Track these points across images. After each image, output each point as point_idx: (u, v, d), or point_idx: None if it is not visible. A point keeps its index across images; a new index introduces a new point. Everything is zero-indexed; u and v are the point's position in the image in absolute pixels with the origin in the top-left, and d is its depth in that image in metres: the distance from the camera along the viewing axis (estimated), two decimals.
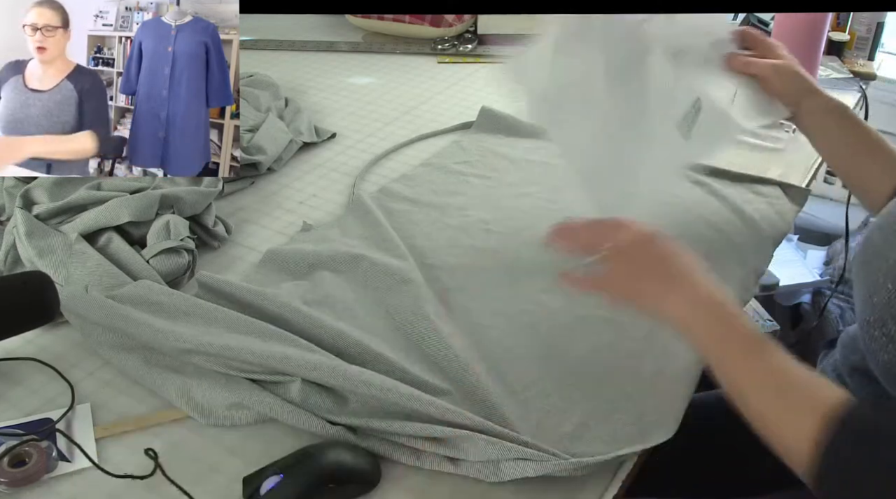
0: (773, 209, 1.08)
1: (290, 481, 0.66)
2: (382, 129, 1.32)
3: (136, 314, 0.80)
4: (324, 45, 1.65)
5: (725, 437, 0.93)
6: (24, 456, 0.69)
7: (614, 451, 0.71)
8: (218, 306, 0.82)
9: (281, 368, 0.74)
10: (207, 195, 1.00)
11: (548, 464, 0.68)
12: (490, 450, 0.68)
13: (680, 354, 0.82)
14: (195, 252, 0.94)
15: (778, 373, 0.66)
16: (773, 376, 0.66)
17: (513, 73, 0.89)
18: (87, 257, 0.89)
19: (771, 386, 0.66)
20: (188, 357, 0.77)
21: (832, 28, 1.51)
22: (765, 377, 0.66)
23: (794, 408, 0.64)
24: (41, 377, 0.80)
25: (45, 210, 0.95)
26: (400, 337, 0.83)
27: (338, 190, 1.14)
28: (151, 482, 0.69)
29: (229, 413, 0.75)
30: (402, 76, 1.51)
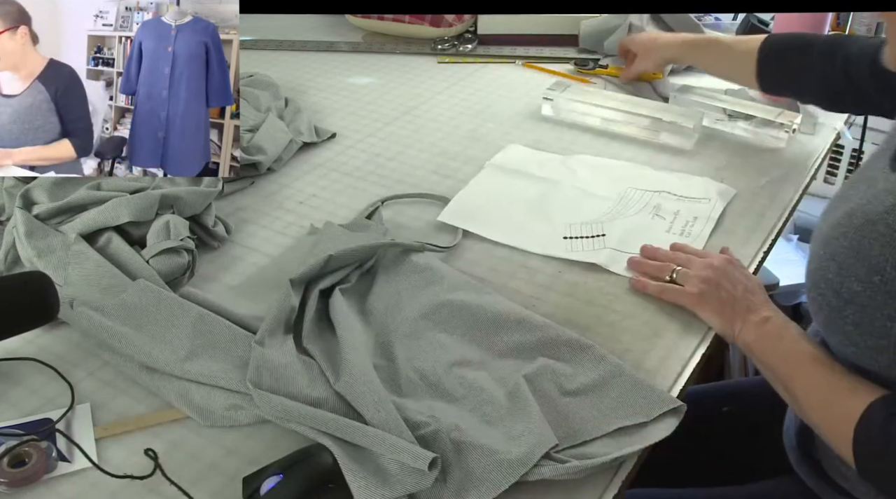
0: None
1: (290, 481, 0.66)
2: (382, 129, 1.32)
3: (119, 328, 0.80)
4: (324, 45, 1.65)
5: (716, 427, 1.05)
6: (24, 456, 0.69)
7: (614, 452, 0.70)
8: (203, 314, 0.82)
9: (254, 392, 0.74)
10: (207, 195, 1.00)
11: (545, 469, 0.68)
12: (486, 460, 0.68)
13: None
14: (195, 252, 0.94)
15: (825, 389, 0.78)
16: (820, 390, 0.78)
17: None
18: (87, 258, 0.89)
19: (820, 400, 0.78)
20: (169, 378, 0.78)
21: (832, 28, 1.51)
22: (814, 393, 0.79)
23: (837, 421, 0.75)
24: (41, 377, 0.80)
25: (44, 210, 0.95)
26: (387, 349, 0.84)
27: (338, 190, 1.14)
28: (151, 482, 0.69)
29: (229, 414, 0.75)
30: (402, 76, 1.51)
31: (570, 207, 1.08)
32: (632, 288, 0.94)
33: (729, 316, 0.87)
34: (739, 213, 1.09)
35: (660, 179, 1.14)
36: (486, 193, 1.12)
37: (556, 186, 1.12)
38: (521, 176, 1.15)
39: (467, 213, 1.07)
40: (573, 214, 1.06)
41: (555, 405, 0.76)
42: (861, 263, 0.73)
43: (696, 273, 0.92)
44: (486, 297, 0.88)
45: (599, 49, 1.55)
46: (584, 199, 1.10)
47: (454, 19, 1.63)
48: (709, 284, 0.90)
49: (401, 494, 0.65)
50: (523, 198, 1.10)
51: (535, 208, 1.08)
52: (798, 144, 1.18)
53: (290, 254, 0.99)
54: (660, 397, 0.76)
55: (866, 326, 0.73)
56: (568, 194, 1.11)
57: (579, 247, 1.00)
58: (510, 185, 1.14)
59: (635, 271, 0.96)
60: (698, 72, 1.46)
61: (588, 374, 0.79)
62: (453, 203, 1.09)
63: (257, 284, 0.94)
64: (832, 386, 0.77)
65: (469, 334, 0.84)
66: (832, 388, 0.77)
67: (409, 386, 0.79)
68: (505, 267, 0.97)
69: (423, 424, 0.71)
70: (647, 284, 0.93)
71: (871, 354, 0.73)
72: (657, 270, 0.95)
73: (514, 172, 1.16)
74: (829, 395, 0.77)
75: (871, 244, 0.72)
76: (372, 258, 0.93)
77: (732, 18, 1.68)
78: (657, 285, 0.93)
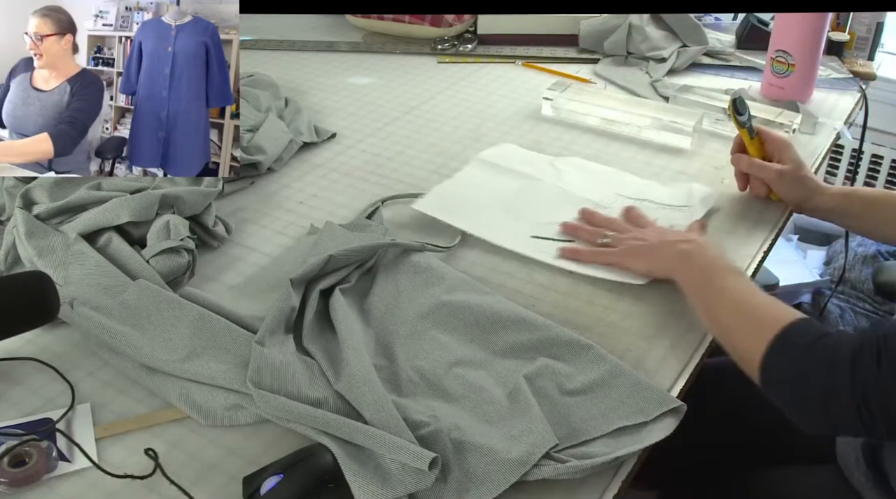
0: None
1: (290, 481, 0.66)
2: (382, 129, 1.32)
3: (119, 328, 0.80)
4: (324, 45, 1.65)
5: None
6: (24, 456, 0.69)
7: (614, 452, 0.70)
8: (203, 314, 0.82)
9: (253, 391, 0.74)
10: (207, 195, 1.00)
11: (546, 468, 0.68)
12: (486, 460, 0.68)
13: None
14: (195, 252, 0.94)
15: (745, 294, 0.81)
16: (739, 295, 0.81)
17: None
18: (87, 258, 0.89)
19: (737, 303, 0.80)
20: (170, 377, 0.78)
21: (832, 28, 1.51)
22: (732, 297, 0.81)
23: (754, 323, 0.77)
24: (41, 377, 0.80)
25: (45, 210, 0.95)
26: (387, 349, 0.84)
27: (338, 190, 1.14)
28: (151, 482, 0.69)
29: (229, 414, 0.75)
30: (402, 76, 1.51)
31: (546, 206, 1.07)
32: (562, 256, 0.95)
33: (652, 253, 0.90)
34: (739, 213, 1.09)
35: (645, 187, 1.12)
36: (466, 186, 1.12)
37: (537, 185, 1.12)
38: (505, 172, 1.15)
39: (443, 203, 1.07)
40: (548, 213, 1.05)
41: (555, 405, 0.76)
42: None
43: (631, 235, 0.94)
44: (487, 297, 0.88)
45: (599, 49, 1.55)
46: (562, 199, 1.09)
47: (454, 19, 1.63)
48: (636, 240, 0.92)
49: (401, 493, 0.65)
50: (502, 193, 1.10)
51: (511, 204, 1.08)
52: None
53: (290, 254, 0.99)
54: (660, 396, 0.76)
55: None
56: (547, 193, 1.10)
57: (544, 247, 0.99)
58: (492, 179, 1.13)
59: (569, 234, 0.98)
60: (699, 72, 1.46)
61: (588, 374, 0.79)
62: (431, 193, 1.09)
63: (257, 284, 0.94)
64: (758, 294, 0.80)
65: (469, 334, 0.84)
66: (757, 296, 0.80)
67: (409, 386, 0.79)
68: (505, 267, 0.97)
69: (424, 424, 0.71)
70: (578, 250, 0.95)
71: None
72: (589, 235, 0.96)
73: (499, 168, 1.16)
74: (754, 300, 0.79)
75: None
76: (372, 258, 0.93)
77: (732, 18, 1.68)
78: (589, 251, 0.94)
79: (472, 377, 0.79)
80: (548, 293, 0.93)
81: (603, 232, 0.97)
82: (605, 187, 1.12)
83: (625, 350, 0.84)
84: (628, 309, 0.90)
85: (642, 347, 0.85)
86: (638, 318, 0.89)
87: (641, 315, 0.90)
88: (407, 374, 0.80)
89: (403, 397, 0.77)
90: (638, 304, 0.91)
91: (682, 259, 0.88)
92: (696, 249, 0.88)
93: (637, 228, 0.98)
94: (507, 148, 1.23)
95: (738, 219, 1.07)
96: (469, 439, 0.70)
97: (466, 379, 0.78)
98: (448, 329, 0.85)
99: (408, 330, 0.85)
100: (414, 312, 0.87)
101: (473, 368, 0.80)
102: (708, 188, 1.11)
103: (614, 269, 0.94)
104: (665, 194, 1.10)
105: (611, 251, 0.94)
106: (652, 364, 0.83)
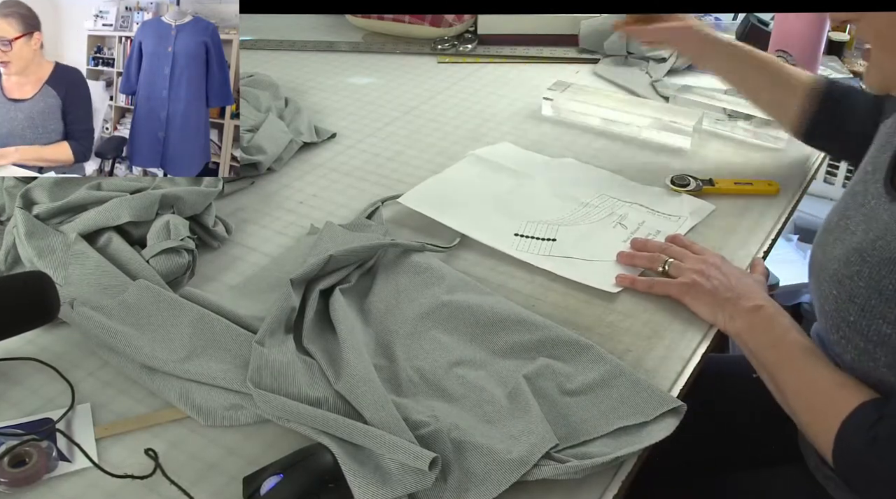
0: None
1: (290, 481, 0.66)
2: (382, 129, 1.32)
3: (119, 328, 0.80)
4: (324, 45, 1.65)
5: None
6: (24, 456, 0.69)
7: (614, 452, 0.70)
8: (203, 314, 0.82)
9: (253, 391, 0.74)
10: (207, 195, 1.00)
11: (546, 468, 0.68)
12: (486, 460, 0.68)
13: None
14: (195, 252, 0.94)
15: (807, 381, 0.78)
16: (803, 383, 0.78)
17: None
18: (87, 258, 0.89)
19: (799, 391, 0.78)
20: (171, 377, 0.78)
21: (832, 28, 1.51)
22: (796, 386, 0.79)
23: (817, 414, 0.76)
24: (41, 377, 0.80)
25: (45, 210, 0.95)
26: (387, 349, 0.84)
27: (338, 190, 1.14)
28: (151, 482, 0.69)
29: (229, 414, 0.75)
30: (402, 76, 1.51)
31: (534, 204, 1.07)
32: (618, 284, 0.93)
33: (720, 303, 0.87)
34: (739, 213, 1.09)
35: (637, 190, 1.12)
36: (455, 181, 1.12)
37: (527, 183, 1.12)
38: (497, 169, 1.15)
39: (429, 198, 1.07)
40: (535, 211, 1.05)
41: (555, 405, 0.76)
42: (887, 304, 0.72)
43: (690, 266, 0.91)
44: (487, 297, 0.88)
45: (599, 49, 1.55)
46: (551, 198, 1.09)
47: (454, 19, 1.63)
48: (700, 275, 0.89)
49: (401, 493, 0.65)
50: (490, 190, 1.10)
51: (498, 201, 1.07)
52: (798, 144, 1.18)
53: (290, 254, 0.99)
54: (660, 396, 0.76)
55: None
56: (536, 192, 1.10)
57: (525, 247, 0.99)
58: (482, 176, 1.13)
59: (626, 265, 0.96)
60: (699, 72, 1.46)
61: (588, 374, 0.79)
62: (418, 187, 1.09)
63: (257, 284, 0.94)
64: (822, 378, 0.77)
65: (469, 334, 0.84)
66: (822, 380, 0.77)
67: (409, 386, 0.79)
68: (505, 267, 0.97)
69: (424, 423, 0.71)
70: (634, 279, 0.93)
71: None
72: (648, 261, 0.94)
73: (491, 165, 1.16)
74: (818, 386, 0.77)
75: (894, 284, 0.71)
76: (372, 258, 0.93)
77: (732, 18, 1.68)
78: (645, 281, 0.92)
79: (472, 377, 0.79)
80: (548, 293, 0.93)
81: (661, 258, 0.94)
82: (597, 189, 1.12)
83: (625, 350, 0.84)
84: (628, 309, 0.91)
85: (642, 347, 0.85)
86: (638, 318, 0.89)
87: (641, 315, 0.90)
88: (407, 374, 0.80)
89: (403, 396, 0.77)
90: (638, 304, 0.91)
91: (751, 330, 0.84)
92: (764, 324, 0.84)
93: (694, 255, 0.94)
94: (505, 147, 1.23)
95: (738, 219, 1.07)
96: (469, 439, 0.70)
97: (466, 379, 0.78)
98: (448, 329, 0.85)
99: (408, 330, 0.85)
100: (414, 312, 0.87)
101: (473, 368, 0.80)
102: (700, 200, 1.10)
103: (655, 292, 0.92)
104: (657, 201, 1.10)
105: (670, 282, 0.91)
106: (652, 364, 0.83)
